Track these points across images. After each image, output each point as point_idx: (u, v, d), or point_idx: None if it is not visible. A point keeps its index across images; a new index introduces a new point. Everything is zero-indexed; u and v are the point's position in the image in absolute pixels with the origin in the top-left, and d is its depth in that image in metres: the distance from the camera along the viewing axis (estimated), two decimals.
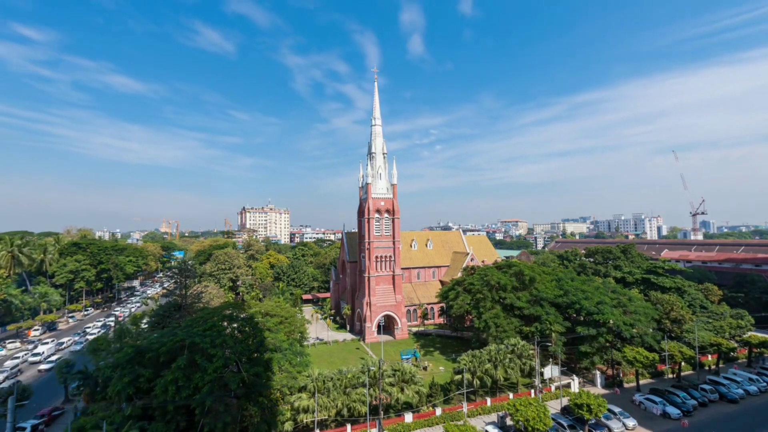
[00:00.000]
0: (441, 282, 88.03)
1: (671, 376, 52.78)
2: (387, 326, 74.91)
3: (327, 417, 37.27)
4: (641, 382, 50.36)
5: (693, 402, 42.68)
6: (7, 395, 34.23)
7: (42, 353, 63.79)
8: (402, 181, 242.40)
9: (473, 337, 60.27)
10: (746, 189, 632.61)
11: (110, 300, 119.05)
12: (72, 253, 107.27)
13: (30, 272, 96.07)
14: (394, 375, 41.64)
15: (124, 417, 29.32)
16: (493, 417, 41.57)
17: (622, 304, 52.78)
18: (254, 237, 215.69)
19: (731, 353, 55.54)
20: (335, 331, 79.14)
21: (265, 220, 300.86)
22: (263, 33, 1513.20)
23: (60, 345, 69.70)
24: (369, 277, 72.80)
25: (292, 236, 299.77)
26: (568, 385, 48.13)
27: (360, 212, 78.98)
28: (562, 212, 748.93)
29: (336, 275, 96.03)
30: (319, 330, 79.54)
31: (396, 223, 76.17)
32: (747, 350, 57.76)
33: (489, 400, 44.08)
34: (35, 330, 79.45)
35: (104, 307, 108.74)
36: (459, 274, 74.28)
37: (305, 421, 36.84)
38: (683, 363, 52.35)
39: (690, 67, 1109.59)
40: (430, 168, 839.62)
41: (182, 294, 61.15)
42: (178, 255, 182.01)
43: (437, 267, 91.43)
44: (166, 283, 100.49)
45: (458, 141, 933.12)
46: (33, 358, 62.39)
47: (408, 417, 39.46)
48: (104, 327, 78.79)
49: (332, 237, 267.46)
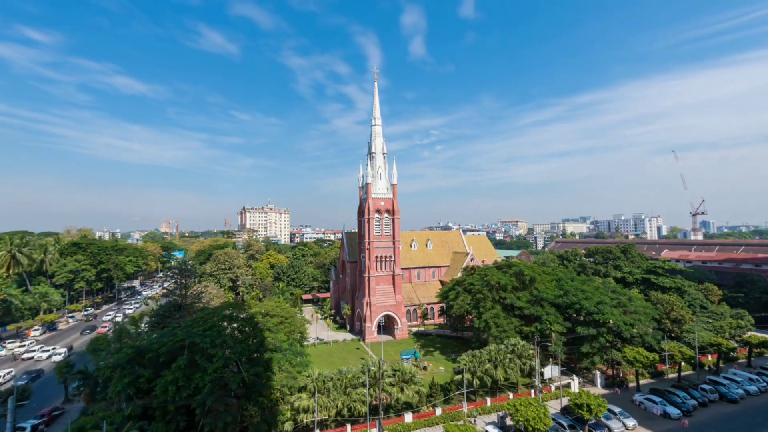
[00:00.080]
0: (441, 282, 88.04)
1: (672, 376, 52.80)
2: (387, 326, 74.92)
3: (327, 417, 37.28)
4: (641, 382, 50.36)
5: (693, 402, 42.70)
6: (7, 395, 34.25)
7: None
8: (402, 182, 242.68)
9: (473, 337, 60.28)
10: (746, 189, 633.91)
11: (110, 300, 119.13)
12: (72, 253, 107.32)
13: (30, 272, 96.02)
14: (394, 375, 41.65)
15: (124, 417, 29.34)
16: (494, 417, 41.59)
17: (622, 304, 52.78)
18: (254, 237, 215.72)
19: (731, 353, 55.51)
20: (335, 331, 79.15)
21: (265, 220, 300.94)
22: (266, 35, 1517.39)
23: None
24: (369, 277, 72.81)
25: (292, 236, 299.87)
26: (568, 385, 48.14)
27: (360, 212, 78.99)
28: (562, 212, 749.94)
29: (336, 275, 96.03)
30: (319, 330, 79.54)
31: (396, 223, 76.18)
32: (747, 350, 57.75)
33: (489, 400, 44.09)
34: (35, 330, 79.39)
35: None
36: (459, 274, 74.30)
37: (305, 421, 36.85)
38: (683, 363, 52.35)
39: (689, 69, 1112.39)
40: (431, 168, 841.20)
41: (182, 294, 61.17)
42: (178, 255, 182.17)
43: (437, 267, 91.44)
44: (166, 283, 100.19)
45: (459, 141, 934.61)
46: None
47: (408, 417, 39.47)
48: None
49: (332, 237, 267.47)
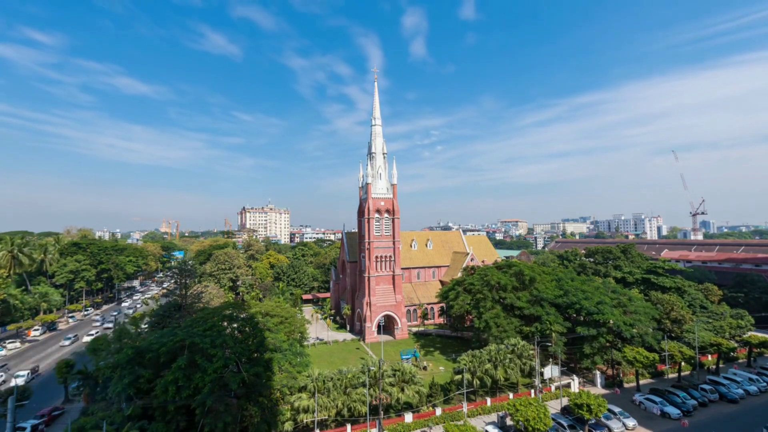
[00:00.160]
0: (441, 282, 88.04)
1: (672, 376, 52.79)
2: (387, 326, 74.91)
3: (327, 417, 37.28)
4: (641, 382, 50.35)
5: (693, 402, 42.70)
6: (7, 395, 34.27)
7: None
8: (402, 182, 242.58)
9: (473, 337, 60.26)
10: (746, 189, 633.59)
11: (110, 300, 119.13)
12: (72, 253, 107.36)
13: (30, 272, 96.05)
14: (394, 375, 41.65)
15: (124, 417, 29.38)
16: (494, 417, 41.59)
17: (622, 304, 52.76)
18: (254, 237, 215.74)
19: (731, 353, 55.49)
20: (335, 331, 79.14)
21: (265, 220, 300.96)
22: (268, 36, 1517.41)
23: None
24: (369, 277, 72.80)
25: (292, 236, 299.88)
26: (568, 385, 48.13)
27: (360, 212, 78.98)
28: (562, 212, 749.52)
29: (336, 275, 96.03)
30: (319, 330, 79.53)
31: (396, 223, 76.17)
32: (747, 350, 57.75)
33: (489, 400, 44.09)
34: (35, 330, 79.40)
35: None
36: (459, 274, 74.28)
37: (305, 421, 36.85)
38: (683, 363, 52.35)
39: (689, 69, 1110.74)
40: (431, 168, 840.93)
41: (182, 294, 61.17)
42: (178, 255, 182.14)
43: (437, 267, 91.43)
44: (166, 284, 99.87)
45: (459, 141, 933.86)
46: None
47: (408, 417, 39.46)
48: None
49: (332, 237, 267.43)
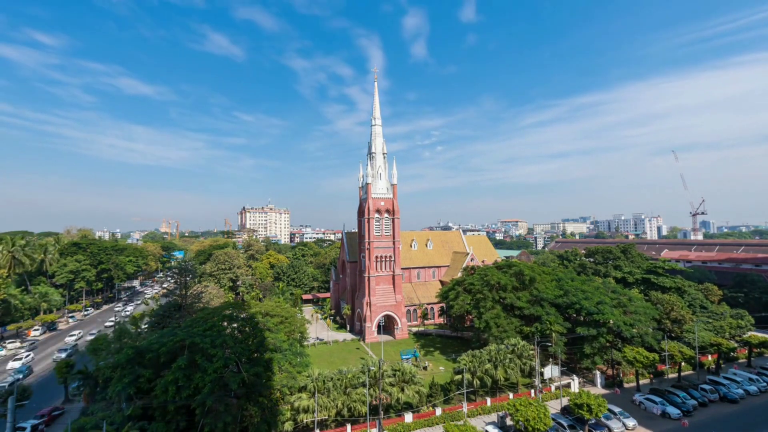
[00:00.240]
0: (441, 282, 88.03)
1: (672, 376, 52.77)
2: (387, 326, 74.90)
3: (327, 417, 37.28)
4: (641, 382, 50.36)
5: (693, 402, 42.70)
6: (7, 395, 34.26)
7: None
8: (403, 182, 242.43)
9: (473, 337, 60.26)
10: (746, 189, 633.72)
11: (110, 300, 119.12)
12: (72, 253, 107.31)
13: (30, 272, 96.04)
14: (394, 375, 41.64)
15: (124, 417, 29.38)
16: (493, 417, 41.59)
17: (622, 304, 52.77)
18: (254, 237, 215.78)
19: (731, 353, 55.50)
20: (335, 331, 79.13)
21: (265, 220, 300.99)
22: (270, 37, 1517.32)
23: None
24: (369, 277, 72.79)
25: (292, 236, 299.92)
26: (568, 385, 48.14)
27: (360, 212, 78.98)
28: (562, 212, 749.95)
29: (336, 275, 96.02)
30: (319, 330, 79.53)
31: (396, 223, 76.17)
32: (747, 350, 57.73)
33: (489, 400, 44.09)
34: (35, 330, 79.42)
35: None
36: (459, 274, 74.28)
37: (305, 421, 36.85)
38: (683, 363, 52.33)
39: (688, 71, 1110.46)
40: (431, 168, 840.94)
41: (182, 294, 61.18)
42: (178, 255, 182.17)
43: (437, 267, 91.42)
44: (165, 284, 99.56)
45: (459, 142, 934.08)
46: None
47: (408, 417, 39.46)
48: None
49: (332, 237, 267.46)
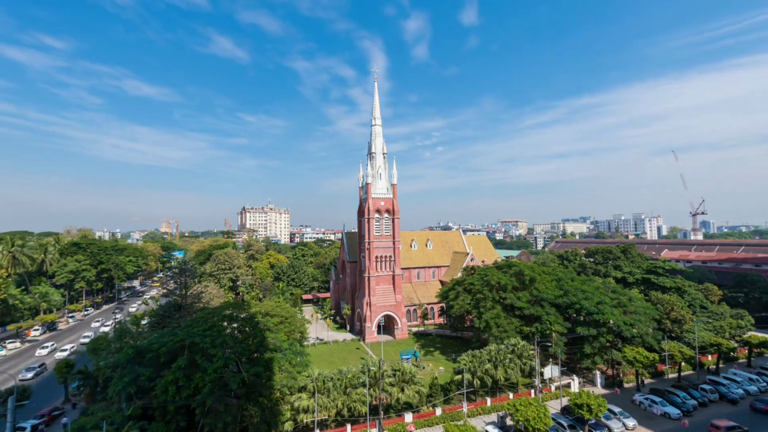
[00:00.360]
0: (441, 282, 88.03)
1: (672, 376, 52.76)
2: (387, 326, 74.91)
3: (327, 417, 37.27)
4: (642, 382, 50.36)
5: (693, 402, 42.72)
6: (7, 395, 34.26)
7: None
8: (403, 182, 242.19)
9: (473, 337, 60.26)
10: (746, 189, 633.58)
11: (110, 300, 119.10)
12: (72, 253, 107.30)
13: (30, 272, 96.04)
14: (394, 375, 41.64)
15: (124, 417, 29.38)
16: (494, 417, 41.58)
17: (623, 304, 52.77)
18: (254, 237, 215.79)
19: (731, 353, 55.53)
20: (335, 331, 79.14)
21: (265, 220, 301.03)
22: (274, 39, 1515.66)
23: None
24: (369, 277, 72.80)
25: (292, 236, 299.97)
26: (568, 385, 48.14)
27: (360, 212, 78.99)
28: (562, 212, 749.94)
29: (336, 275, 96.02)
30: (319, 330, 79.54)
31: (396, 223, 76.18)
32: (747, 350, 57.74)
33: (489, 400, 44.09)
34: (35, 330, 79.43)
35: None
36: (459, 274, 74.28)
37: (305, 421, 36.84)
38: (683, 363, 52.33)
39: (687, 72, 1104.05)
40: (432, 169, 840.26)
41: (182, 294, 61.17)
42: (178, 255, 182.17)
43: (437, 267, 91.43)
44: (166, 283, 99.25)
45: (460, 142, 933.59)
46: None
47: (408, 417, 39.46)
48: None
49: (332, 237, 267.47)
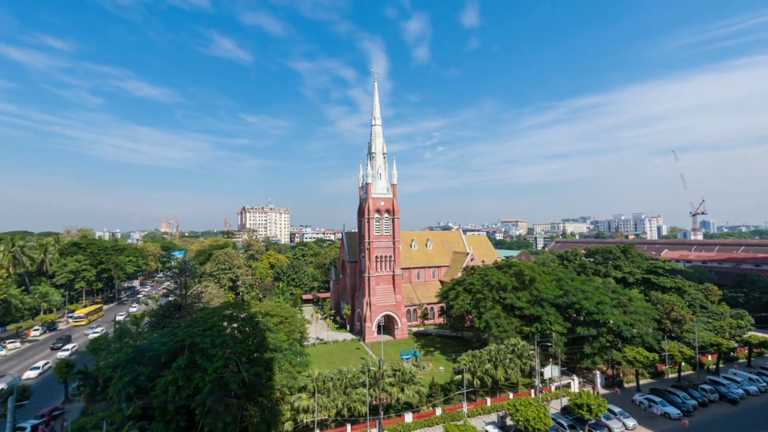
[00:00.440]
0: (441, 282, 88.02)
1: (672, 376, 52.77)
2: (387, 326, 74.90)
3: (327, 417, 37.26)
4: (641, 382, 50.36)
5: (693, 402, 42.71)
6: (7, 395, 34.26)
7: None
8: (403, 182, 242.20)
9: (473, 337, 60.26)
10: (746, 189, 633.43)
11: (110, 300, 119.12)
12: (72, 253, 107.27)
13: (30, 272, 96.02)
14: (394, 375, 41.64)
15: (124, 417, 29.40)
16: (493, 417, 41.58)
17: (623, 304, 52.77)
18: (254, 237, 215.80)
19: (731, 353, 55.52)
20: (335, 331, 79.14)
21: (265, 220, 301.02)
22: (276, 41, 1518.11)
23: None
24: (369, 277, 72.79)
25: (292, 236, 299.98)
26: (568, 385, 48.14)
27: (360, 212, 78.98)
28: (562, 212, 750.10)
29: (336, 275, 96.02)
30: (319, 330, 79.53)
31: (396, 223, 76.17)
32: (747, 350, 57.73)
33: (489, 400, 44.08)
34: (35, 330, 79.44)
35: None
36: (459, 274, 74.27)
37: (305, 421, 36.83)
38: (683, 363, 52.33)
39: (686, 73, 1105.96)
40: (432, 169, 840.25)
41: (182, 294, 61.20)
42: (178, 255, 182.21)
43: (437, 267, 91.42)
44: (165, 284, 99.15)
45: (460, 143, 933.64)
46: None
47: (408, 417, 39.45)
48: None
49: (332, 237, 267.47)
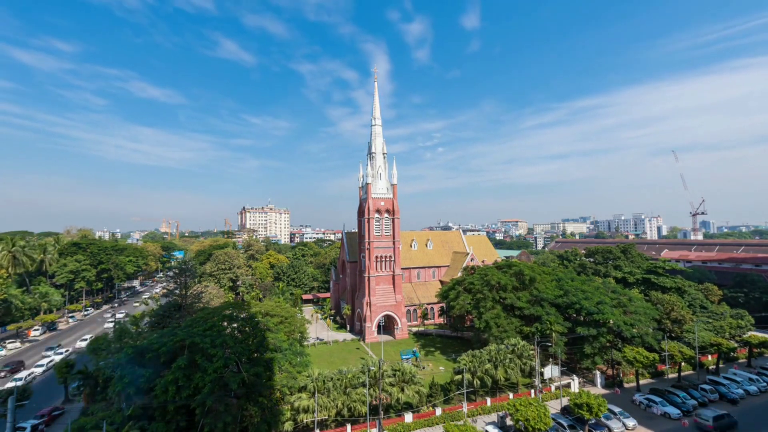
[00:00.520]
0: (441, 282, 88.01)
1: (672, 376, 52.76)
2: (387, 326, 74.90)
3: (327, 417, 37.26)
4: (641, 382, 50.35)
5: (693, 402, 42.66)
6: (7, 395, 34.26)
7: None
8: (404, 182, 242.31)
9: (473, 337, 60.25)
10: (746, 189, 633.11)
11: (110, 300, 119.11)
12: (72, 253, 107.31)
13: (30, 272, 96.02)
14: (394, 375, 41.63)
15: (124, 417, 29.41)
16: (494, 417, 41.58)
17: (623, 304, 52.76)
18: (254, 237, 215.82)
19: (731, 353, 55.49)
20: (335, 331, 79.14)
21: (265, 220, 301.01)
22: (279, 43, 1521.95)
23: None
24: (369, 277, 72.79)
25: (292, 236, 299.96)
26: (568, 385, 48.14)
27: (360, 212, 78.98)
28: (562, 212, 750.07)
29: (336, 275, 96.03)
30: (319, 330, 79.53)
31: (396, 223, 76.18)
32: (747, 350, 57.73)
33: (489, 400, 44.08)
34: (35, 330, 79.47)
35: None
36: (459, 274, 74.27)
37: (305, 421, 36.83)
38: (683, 363, 52.31)
39: (685, 75, 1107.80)
40: (432, 170, 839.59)
41: (182, 294, 61.18)
42: (178, 255, 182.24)
43: (437, 267, 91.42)
44: (165, 283, 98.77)
45: (460, 143, 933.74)
46: None
47: (408, 417, 39.45)
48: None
49: (332, 237, 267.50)
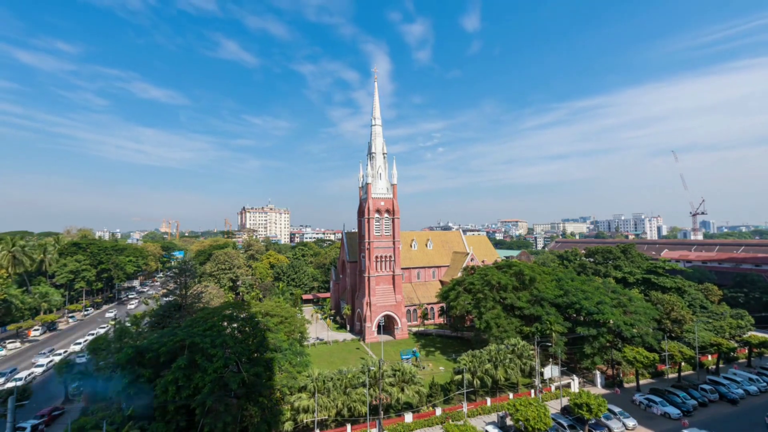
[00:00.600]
0: (441, 282, 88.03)
1: (672, 376, 52.76)
2: (387, 326, 74.90)
3: (327, 417, 37.27)
4: (641, 382, 50.36)
5: (693, 402, 42.71)
6: (7, 395, 34.25)
7: None
8: (404, 183, 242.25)
9: (474, 337, 60.24)
10: (746, 189, 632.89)
11: (110, 300, 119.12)
12: (72, 253, 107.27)
13: (30, 272, 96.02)
14: (394, 375, 41.64)
15: (124, 417, 29.40)
16: (494, 417, 41.58)
17: (623, 304, 52.77)
18: (254, 237, 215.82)
19: (731, 353, 55.46)
20: (335, 331, 79.14)
21: (265, 220, 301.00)
22: (280, 44, 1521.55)
23: None
24: (369, 277, 72.79)
25: (292, 236, 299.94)
26: (568, 385, 48.14)
27: (360, 212, 78.98)
28: (562, 212, 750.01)
29: (336, 275, 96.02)
30: (319, 330, 79.53)
31: (396, 223, 76.18)
32: (747, 350, 57.73)
33: (489, 400, 44.09)
34: (35, 330, 79.47)
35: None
36: (459, 274, 74.28)
37: (305, 421, 36.84)
38: (683, 363, 52.32)
39: (684, 75, 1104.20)
40: (432, 170, 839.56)
41: (182, 294, 61.19)
42: (178, 255, 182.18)
43: (437, 267, 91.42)
44: (164, 283, 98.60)
45: (460, 144, 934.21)
46: None
47: (408, 417, 39.46)
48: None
49: (332, 237, 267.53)
